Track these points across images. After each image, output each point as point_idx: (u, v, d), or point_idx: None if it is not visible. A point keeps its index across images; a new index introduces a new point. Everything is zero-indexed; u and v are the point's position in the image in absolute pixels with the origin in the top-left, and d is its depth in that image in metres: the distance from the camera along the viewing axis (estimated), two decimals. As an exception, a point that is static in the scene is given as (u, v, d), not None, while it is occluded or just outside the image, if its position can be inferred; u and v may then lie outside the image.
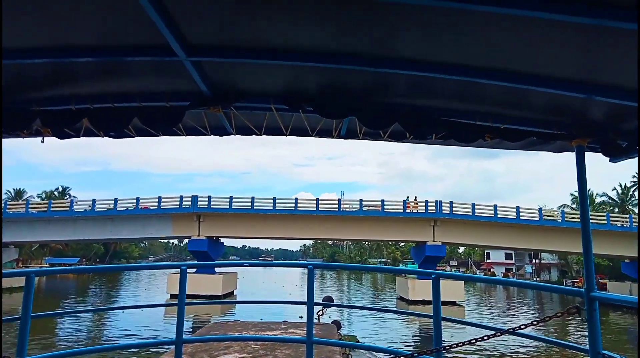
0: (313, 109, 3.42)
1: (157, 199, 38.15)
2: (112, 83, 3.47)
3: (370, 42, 2.72)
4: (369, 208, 38.34)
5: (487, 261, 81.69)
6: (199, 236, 37.30)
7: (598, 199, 60.37)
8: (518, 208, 36.90)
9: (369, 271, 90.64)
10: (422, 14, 2.30)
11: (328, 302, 13.54)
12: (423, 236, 37.15)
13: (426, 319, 4.71)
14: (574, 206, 56.62)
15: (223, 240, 41.74)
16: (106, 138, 4.02)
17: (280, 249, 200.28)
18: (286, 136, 4.14)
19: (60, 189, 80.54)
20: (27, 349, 3.61)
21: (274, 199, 37.74)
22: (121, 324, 21.95)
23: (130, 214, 37.87)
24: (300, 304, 4.94)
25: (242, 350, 7.50)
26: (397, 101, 3.60)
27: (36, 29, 2.58)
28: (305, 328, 4.53)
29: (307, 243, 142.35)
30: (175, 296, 29.14)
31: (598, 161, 3.73)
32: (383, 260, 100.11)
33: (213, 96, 3.39)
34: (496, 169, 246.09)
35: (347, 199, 40.69)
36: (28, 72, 3.16)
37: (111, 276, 61.01)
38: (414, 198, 41.22)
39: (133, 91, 3.53)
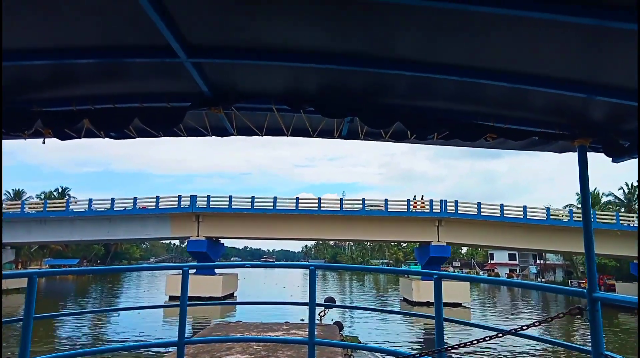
0: (314, 110, 3.42)
1: (155, 199, 37.02)
2: (113, 84, 3.47)
3: (370, 43, 2.72)
4: (372, 207, 37.25)
5: (491, 262, 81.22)
6: (198, 236, 36.37)
7: (604, 199, 59.20)
8: (525, 207, 35.89)
9: (371, 272, 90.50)
10: (423, 15, 2.30)
11: (330, 303, 13.51)
12: (427, 236, 36.25)
13: (431, 321, 4.73)
14: (580, 205, 55.67)
15: (223, 240, 40.99)
16: (107, 139, 4.03)
17: (282, 250, 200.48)
18: (287, 136, 4.14)
19: (59, 189, 78.98)
20: (30, 351, 3.61)
21: (275, 198, 36.72)
22: (119, 326, 21.86)
23: (127, 215, 36.99)
24: (302, 305, 4.94)
25: (244, 351, 7.51)
26: (398, 102, 3.60)
27: (37, 30, 2.58)
28: (307, 329, 4.53)
29: (309, 243, 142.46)
30: (174, 298, 29.23)
31: (603, 160, 3.69)
32: (385, 260, 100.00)
33: (214, 96, 3.39)
34: (498, 170, 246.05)
35: (349, 199, 39.40)
36: (29, 74, 3.17)
37: (112, 277, 60.53)
38: (421, 197, 40.21)
39: (134, 92, 3.53)
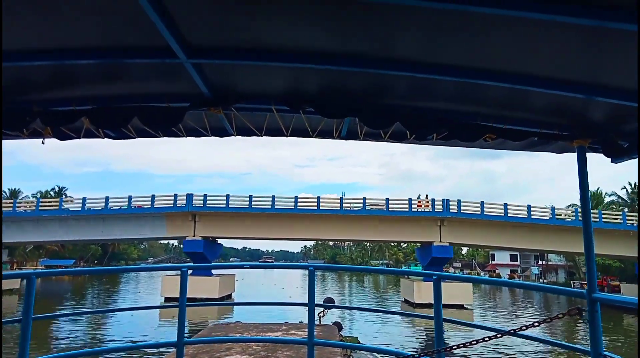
0: (314, 110, 3.42)
1: (151, 198, 36.21)
2: (113, 84, 3.47)
3: (370, 44, 2.72)
4: (373, 206, 36.44)
5: (492, 262, 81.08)
6: (195, 236, 35.49)
7: (607, 199, 58.52)
8: (529, 206, 35.16)
9: (371, 273, 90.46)
10: (423, 16, 2.30)
11: (329, 304, 13.51)
12: (429, 236, 35.42)
13: (431, 321, 4.72)
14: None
15: (221, 240, 40.28)
16: (106, 139, 4.03)
17: (281, 250, 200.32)
18: (287, 137, 4.14)
19: (56, 189, 77.52)
20: (29, 352, 3.60)
21: (273, 197, 35.73)
22: (113, 327, 21.67)
23: (122, 214, 36.17)
24: (301, 306, 4.94)
25: (244, 351, 7.50)
26: (398, 103, 3.61)
27: (37, 31, 2.58)
28: (306, 329, 4.53)
29: (308, 244, 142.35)
30: (169, 299, 29.00)
31: (607, 160, 3.66)
32: (385, 261, 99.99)
33: (213, 97, 3.39)
34: (497, 170, 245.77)
35: (350, 198, 38.42)
36: (29, 74, 3.17)
37: (108, 278, 59.89)
38: (426, 196, 39.51)
39: (134, 92, 3.54)
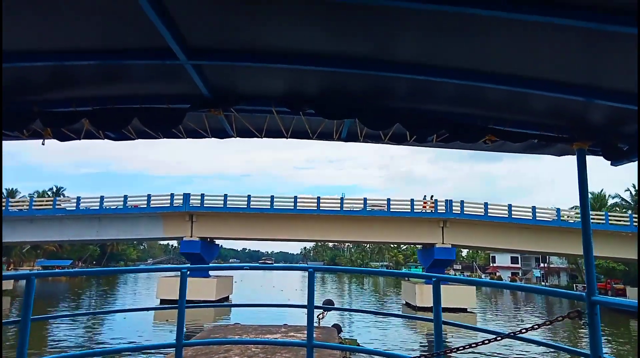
0: (314, 111, 3.42)
1: (147, 198, 35.39)
2: (113, 86, 3.47)
3: (370, 46, 2.72)
4: (374, 207, 35.59)
5: (493, 265, 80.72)
6: (192, 237, 34.86)
7: (611, 201, 57.86)
8: (534, 207, 34.44)
9: (371, 274, 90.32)
10: (422, 18, 2.30)
11: (328, 306, 13.49)
12: (431, 238, 34.68)
13: (431, 324, 4.70)
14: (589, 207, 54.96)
15: (220, 241, 39.67)
16: (106, 140, 4.03)
17: (280, 252, 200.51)
18: (287, 138, 4.14)
19: (54, 189, 76.71)
20: (28, 352, 3.59)
21: (272, 197, 34.93)
22: (105, 329, 21.48)
23: (118, 214, 35.44)
24: (300, 308, 4.93)
25: (243, 353, 7.48)
26: (398, 104, 3.61)
27: (37, 32, 2.58)
28: (305, 331, 4.52)
29: (308, 245, 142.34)
30: (165, 301, 28.71)
31: (608, 163, 3.67)
32: (385, 263, 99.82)
33: (214, 98, 3.39)
34: (497, 173, 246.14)
35: (350, 198, 37.31)
36: (29, 75, 3.17)
37: (106, 279, 59.40)
38: (431, 197, 38.84)
39: (134, 93, 3.54)
